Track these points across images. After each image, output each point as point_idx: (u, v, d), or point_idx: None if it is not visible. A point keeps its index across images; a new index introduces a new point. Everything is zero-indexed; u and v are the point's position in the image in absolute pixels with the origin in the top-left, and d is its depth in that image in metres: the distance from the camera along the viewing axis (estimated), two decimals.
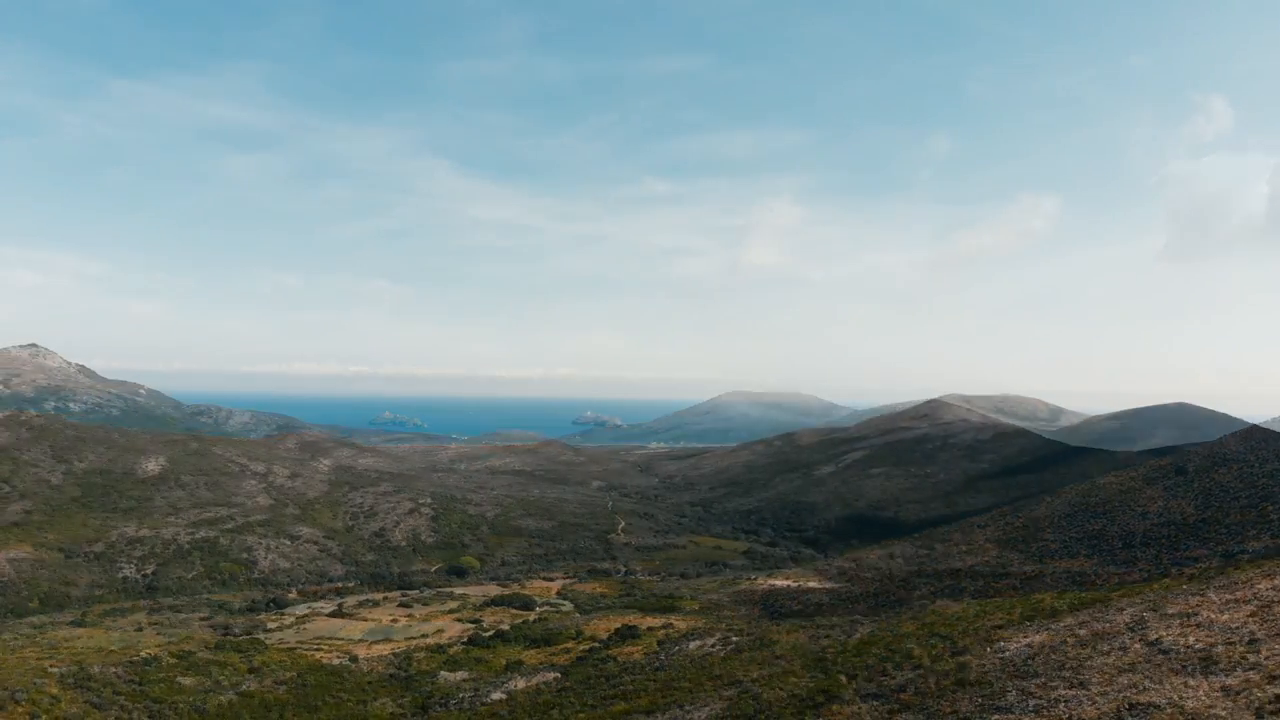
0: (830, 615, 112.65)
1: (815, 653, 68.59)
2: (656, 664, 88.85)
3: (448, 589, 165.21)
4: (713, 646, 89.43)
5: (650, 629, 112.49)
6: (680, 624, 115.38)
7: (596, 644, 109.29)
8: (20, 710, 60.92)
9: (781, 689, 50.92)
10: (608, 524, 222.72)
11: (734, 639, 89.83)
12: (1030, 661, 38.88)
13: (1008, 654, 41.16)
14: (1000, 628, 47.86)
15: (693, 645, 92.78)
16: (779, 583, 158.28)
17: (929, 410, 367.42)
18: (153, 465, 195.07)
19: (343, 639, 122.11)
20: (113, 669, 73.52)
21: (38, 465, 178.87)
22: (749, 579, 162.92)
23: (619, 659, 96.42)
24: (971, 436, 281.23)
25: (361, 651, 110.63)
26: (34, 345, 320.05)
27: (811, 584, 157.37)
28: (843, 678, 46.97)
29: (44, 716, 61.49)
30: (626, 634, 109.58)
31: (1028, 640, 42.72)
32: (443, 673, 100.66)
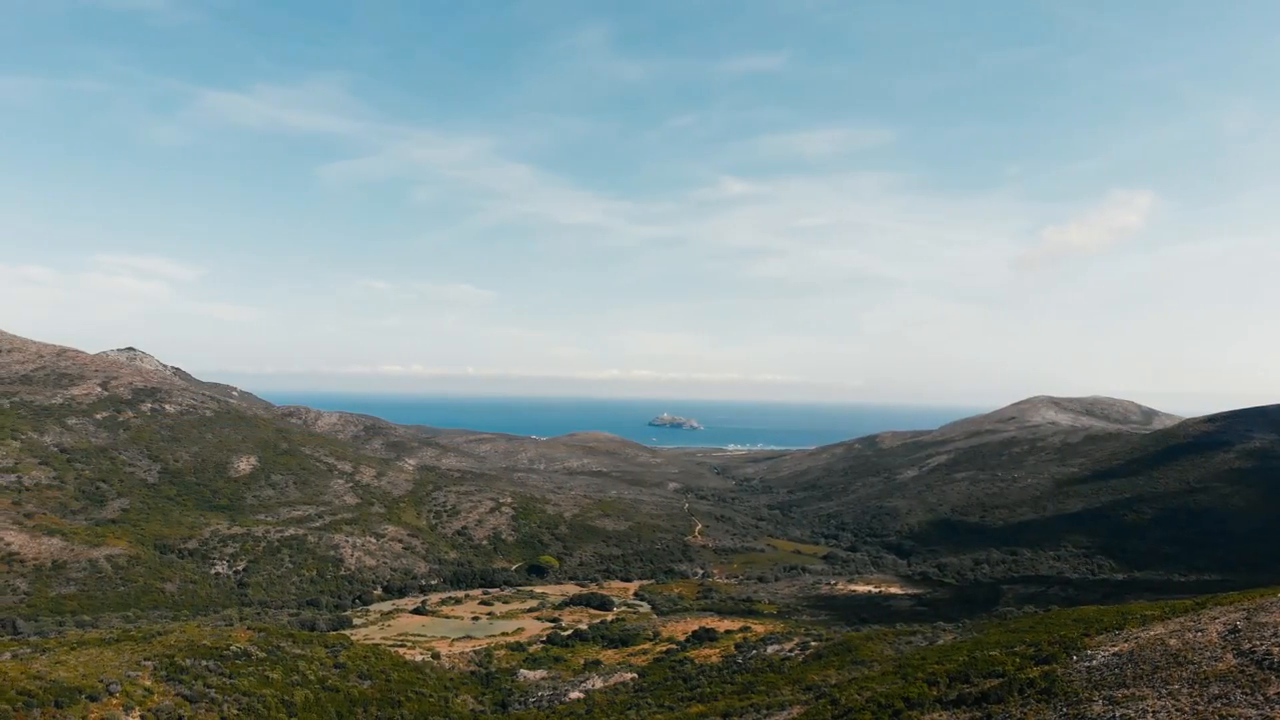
0: (912, 621, 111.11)
1: (896, 659, 67.80)
2: (734, 667, 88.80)
3: (527, 588, 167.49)
4: (791, 651, 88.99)
5: (728, 632, 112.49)
6: (758, 627, 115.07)
7: (674, 646, 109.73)
8: (114, 702, 63.67)
9: (860, 694, 50.55)
10: (684, 526, 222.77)
11: (813, 643, 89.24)
12: (1118, 671, 37.96)
13: (1094, 663, 40.23)
14: (1088, 636, 46.72)
15: (771, 649, 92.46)
16: (860, 588, 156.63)
17: (1016, 413, 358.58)
18: (244, 465, 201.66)
19: (425, 636, 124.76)
20: (204, 662, 76.28)
21: (134, 465, 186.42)
22: (829, 584, 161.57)
23: (696, 661, 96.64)
24: (1061, 439, 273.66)
25: (443, 648, 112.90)
26: (131, 349, 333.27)
27: (893, 589, 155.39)
28: (924, 684, 46.44)
29: (137, 708, 64.13)
30: (704, 636, 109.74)
31: (1115, 649, 41.67)
32: (522, 671, 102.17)
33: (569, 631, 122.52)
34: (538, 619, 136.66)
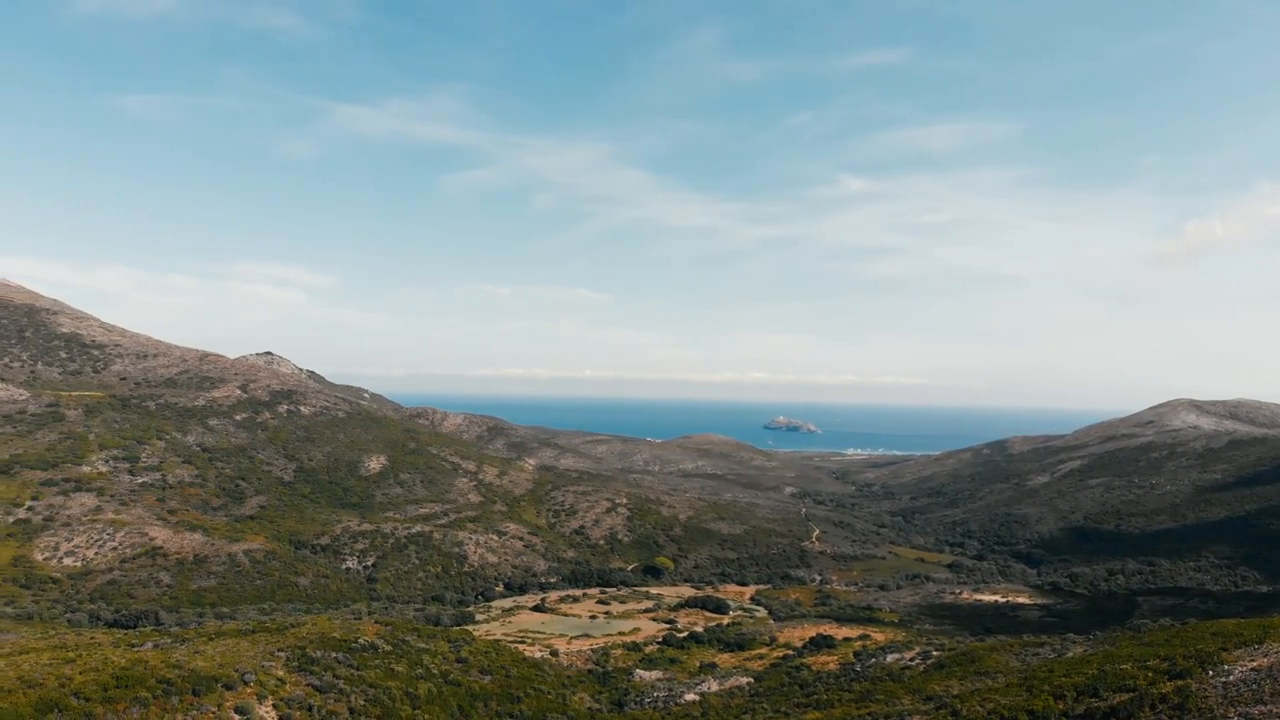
0: (1040, 632, 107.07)
1: (1022, 671, 65.42)
2: (852, 675, 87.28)
3: (643, 588, 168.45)
4: (912, 660, 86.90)
5: (846, 639, 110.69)
6: (878, 636, 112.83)
7: (790, 651, 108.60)
8: (248, 691, 66.80)
9: (983, 706, 48.97)
10: (801, 531, 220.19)
11: (935, 653, 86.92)
12: (1256, 687, 35.73)
13: (1231, 678, 37.96)
14: (1225, 650, 44.12)
15: (890, 658, 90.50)
16: (986, 597, 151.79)
17: (1154, 416, 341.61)
18: (374, 464, 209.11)
19: (544, 633, 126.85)
20: (333, 654, 79.29)
21: (272, 464, 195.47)
22: (953, 592, 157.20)
23: (813, 668, 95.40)
24: (1202, 445, 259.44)
25: (562, 646, 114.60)
26: (269, 353, 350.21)
27: (1021, 599, 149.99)
28: (1050, 698, 44.70)
29: (270, 698, 67.12)
30: (821, 643, 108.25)
31: (1254, 664, 39.24)
32: (638, 671, 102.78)
33: (684, 633, 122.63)
34: (653, 620, 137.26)
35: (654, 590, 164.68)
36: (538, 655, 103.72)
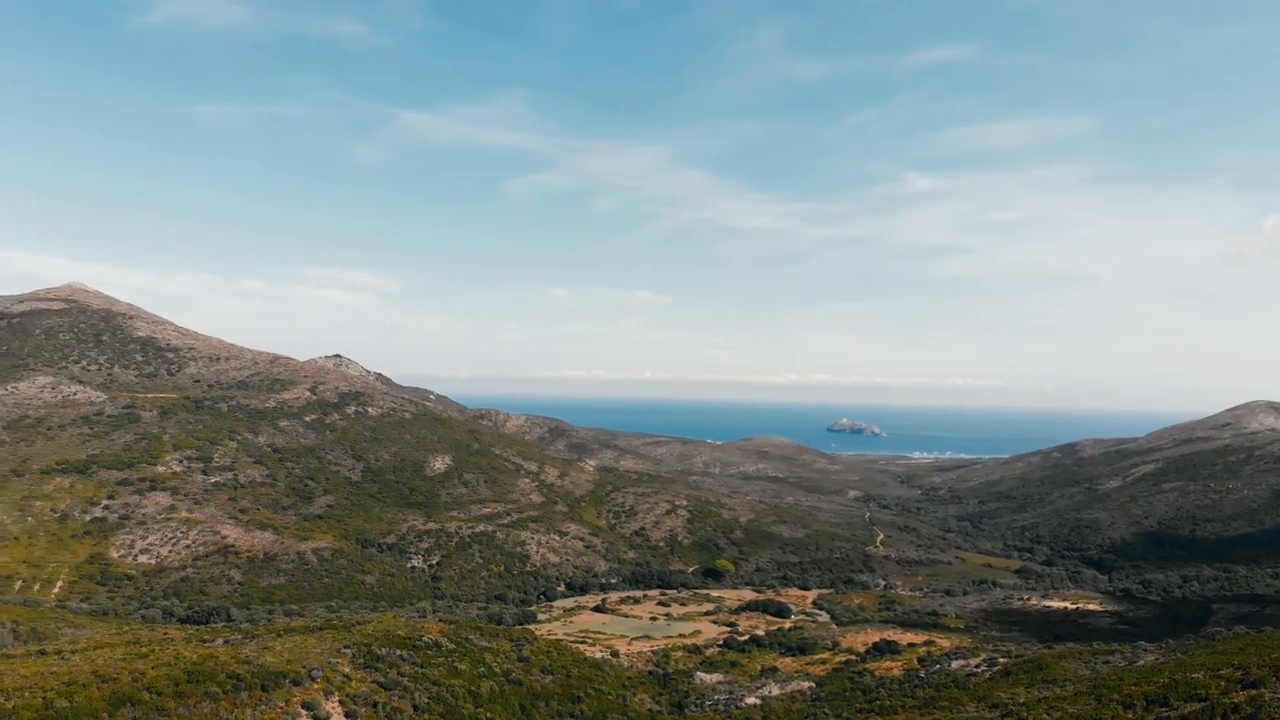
0: (1111, 640, 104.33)
1: (1091, 679, 63.79)
2: (916, 681, 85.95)
3: (704, 590, 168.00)
4: (978, 666, 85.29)
5: (910, 645, 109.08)
6: (943, 642, 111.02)
7: (853, 656, 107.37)
8: (315, 687, 68.11)
9: (1050, 714, 47.84)
10: (865, 535, 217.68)
11: (1001, 660, 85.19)
12: None
13: None
14: None
15: (955, 664, 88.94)
16: (1055, 604, 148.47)
17: (1231, 419, 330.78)
18: (439, 464, 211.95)
19: (605, 634, 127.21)
20: (398, 652, 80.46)
21: (340, 464, 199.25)
22: (1021, 599, 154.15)
23: (876, 673, 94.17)
24: None
25: (622, 647, 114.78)
26: (338, 356, 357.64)
27: (1091, 606, 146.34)
28: (1119, 707, 43.49)
29: (336, 694, 68.34)
30: (885, 648, 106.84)
31: None
32: (699, 673, 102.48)
33: (746, 636, 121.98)
34: (714, 622, 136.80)
35: (714, 593, 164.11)
36: (598, 656, 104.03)
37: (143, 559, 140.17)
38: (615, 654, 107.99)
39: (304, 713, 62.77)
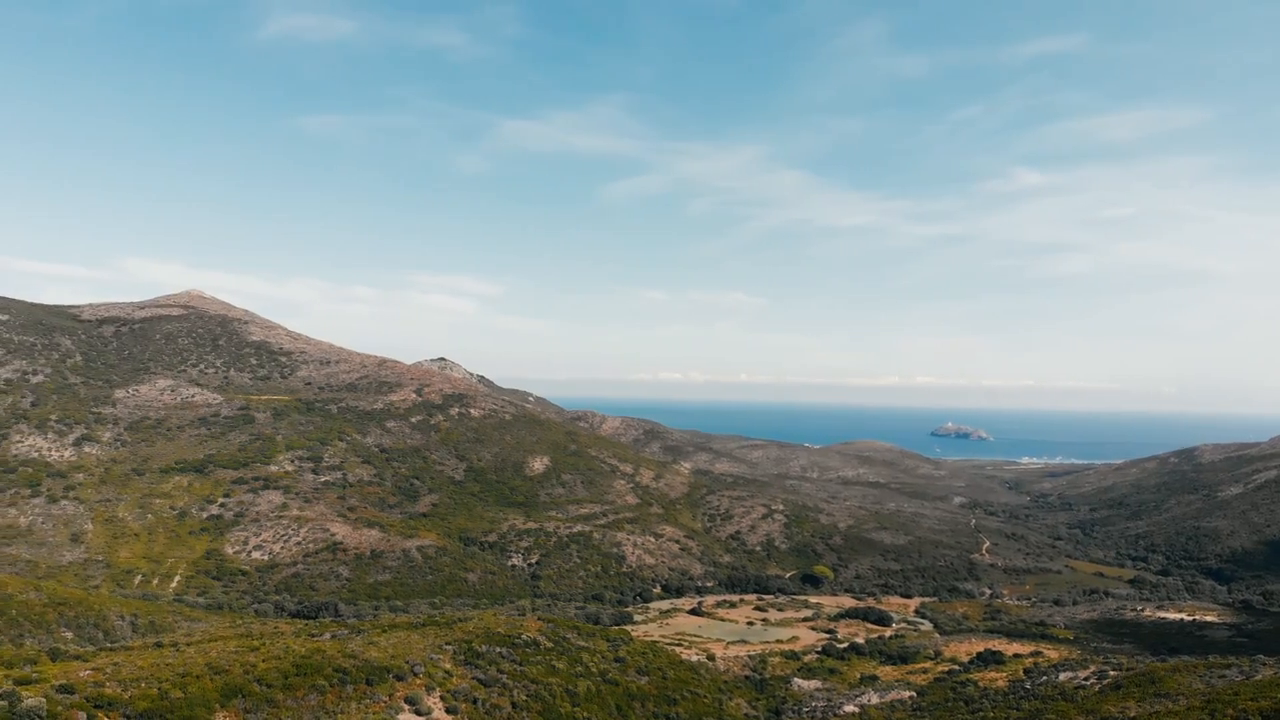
0: (1228, 653, 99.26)
1: (1205, 693, 60.77)
2: (1021, 693, 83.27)
3: (801, 596, 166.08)
4: (1086, 679, 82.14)
5: (1016, 655, 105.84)
6: (1051, 653, 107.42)
7: (956, 666, 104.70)
8: (418, 682, 69.76)
9: None
10: (970, 543, 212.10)
11: (1111, 672, 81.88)
12: None
13: None
14: None
15: (1063, 676, 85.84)
16: (1170, 615, 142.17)
17: None
18: (538, 464, 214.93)
19: (701, 637, 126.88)
20: (497, 649, 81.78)
21: (443, 464, 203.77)
22: (1134, 609, 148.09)
23: (980, 684, 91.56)
24: None
25: (719, 651, 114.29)
26: (443, 359, 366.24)
27: (1209, 618, 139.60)
28: None
29: (438, 689, 69.81)
30: (989, 659, 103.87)
31: None
32: (796, 680, 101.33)
33: (845, 644, 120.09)
34: (812, 629, 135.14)
35: (813, 599, 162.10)
36: (694, 659, 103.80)
37: (256, 555, 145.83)
38: (711, 658, 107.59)
39: (406, 707, 64.27)
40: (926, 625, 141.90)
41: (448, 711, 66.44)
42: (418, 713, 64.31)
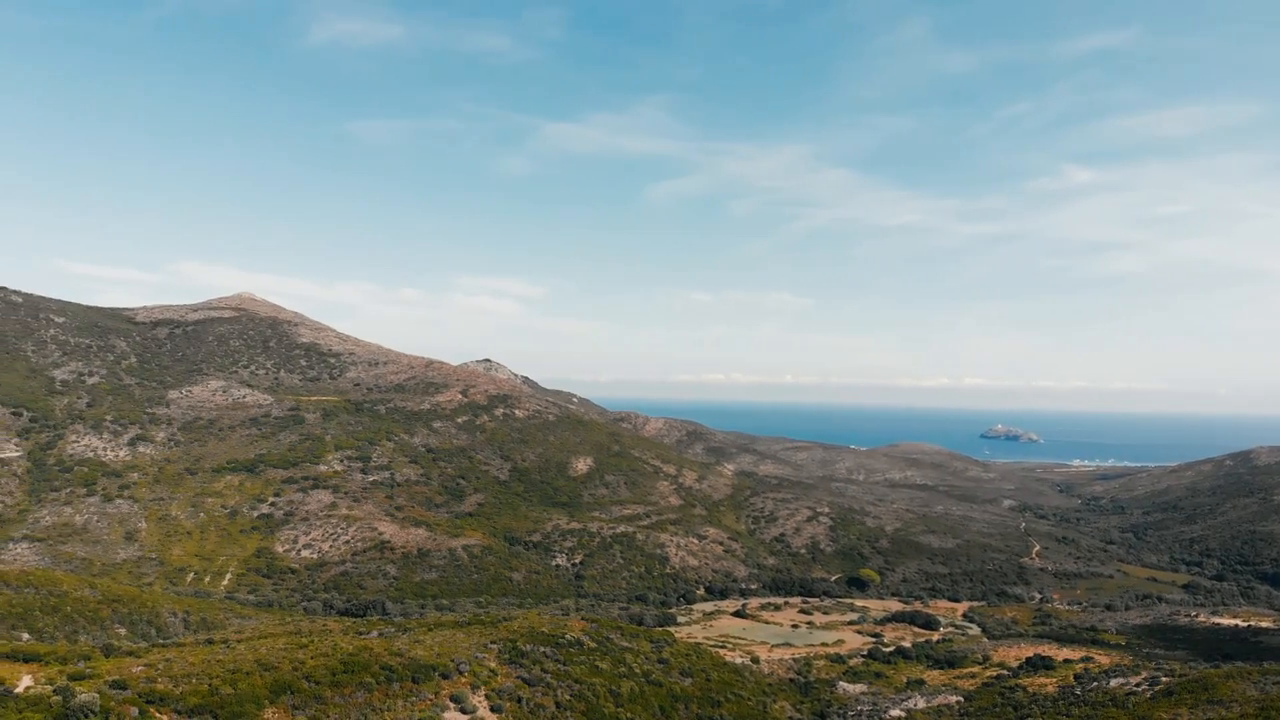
0: None
1: (1260, 700, 59.36)
2: (1070, 698, 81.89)
3: (847, 600, 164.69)
4: (1138, 685, 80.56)
5: (1067, 661, 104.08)
6: (1102, 658, 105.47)
7: (1004, 671, 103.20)
8: (463, 680, 70.42)
9: None
10: (1020, 546, 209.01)
11: (1163, 679, 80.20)
12: None
13: None
14: None
15: (1114, 682, 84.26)
16: (1225, 621, 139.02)
17: None
18: (581, 465, 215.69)
19: (745, 639, 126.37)
20: (542, 649, 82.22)
21: (489, 464, 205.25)
22: (1188, 615, 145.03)
23: (1029, 689, 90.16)
24: None
25: (763, 653, 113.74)
26: (488, 360, 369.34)
27: (1265, 624, 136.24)
28: None
29: (483, 688, 70.40)
30: (1039, 664, 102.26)
31: None
32: (841, 683, 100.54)
33: (891, 648, 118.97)
34: (858, 632, 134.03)
35: (858, 602, 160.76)
36: (738, 661, 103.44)
37: (305, 553, 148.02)
38: (755, 660, 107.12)
39: (452, 705, 64.88)
40: (974, 629, 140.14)
41: (493, 710, 66.93)
42: (463, 711, 64.88)
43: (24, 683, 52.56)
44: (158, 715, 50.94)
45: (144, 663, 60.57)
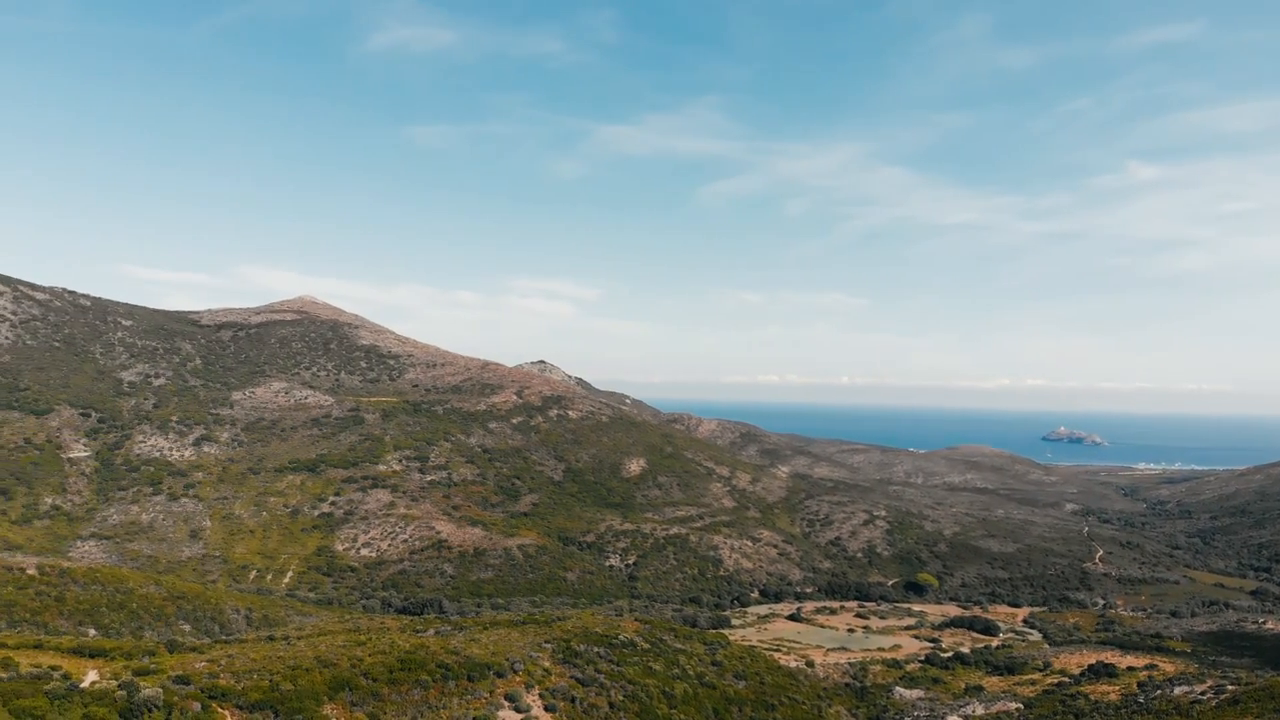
0: None
1: None
2: (1134, 707, 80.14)
3: (904, 604, 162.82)
4: (1203, 694, 78.55)
5: (1130, 669, 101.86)
6: (1167, 666, 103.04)
7: (1066, 678, 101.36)
8: (517, 679, 71.04)
9: None
10: (1083, 551, 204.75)
11: (1230, 687, 78.11)
12: None
13: None
14: None
15: (1179, 690, 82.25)
16: None
17: None
18: (634, 466, 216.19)
19: (800, 643, 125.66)
20: (595, 649, 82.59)
21: (543, 464, 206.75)
22: (1256, 622, 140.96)
23: (1090, 697, 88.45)
24: None
25: (818, 657, 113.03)
26: (542, 362, 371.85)
27: None
28: None
29: (537, 687, 70.93)
30: (1101, 671, 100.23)
31: None
32: (898, 688, 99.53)
33: (949, 653, 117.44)
34: (915, 637, 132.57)
35: (916, 607, 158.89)
36: (793, 665, 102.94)
37: (365, 552, 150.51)
38: (810, 664, 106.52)
39: (506, 704, 65.52)
40: (1035, 635, 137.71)
41: (546, 709, 67.46)
42: (517, 710, 65.50)
43: (90, 677, 54.16)
44: (220, 710, 52.19)
45: (207, 659, 62.10)
